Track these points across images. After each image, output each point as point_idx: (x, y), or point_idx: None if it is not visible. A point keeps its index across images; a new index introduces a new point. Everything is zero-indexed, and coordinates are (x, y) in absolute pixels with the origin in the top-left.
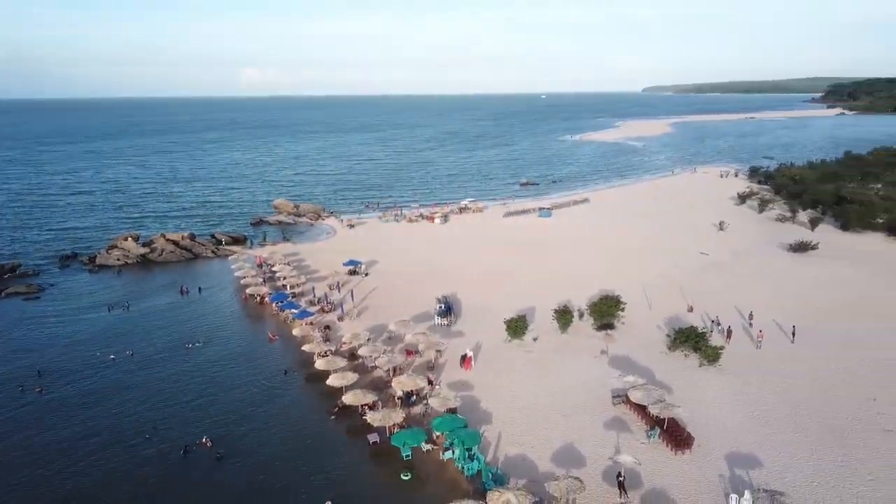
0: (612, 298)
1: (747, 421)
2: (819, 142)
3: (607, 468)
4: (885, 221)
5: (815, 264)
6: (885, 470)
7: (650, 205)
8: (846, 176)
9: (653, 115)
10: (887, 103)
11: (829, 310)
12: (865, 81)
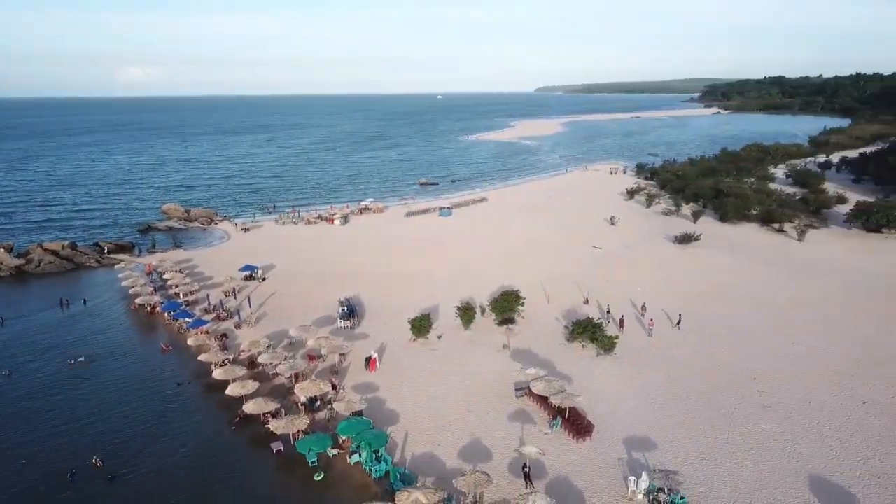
0: (512, 294)
1: (642, 406)
2: (698, 139)
3: (513, 460)
4: (759, 213)
5: (697, 254)
6: (765, 444)
7: (546, 202)
8: (723, 171)
9: (545, 115)
10: (756, 102)
11: (712, 296)
12: (737, 82)
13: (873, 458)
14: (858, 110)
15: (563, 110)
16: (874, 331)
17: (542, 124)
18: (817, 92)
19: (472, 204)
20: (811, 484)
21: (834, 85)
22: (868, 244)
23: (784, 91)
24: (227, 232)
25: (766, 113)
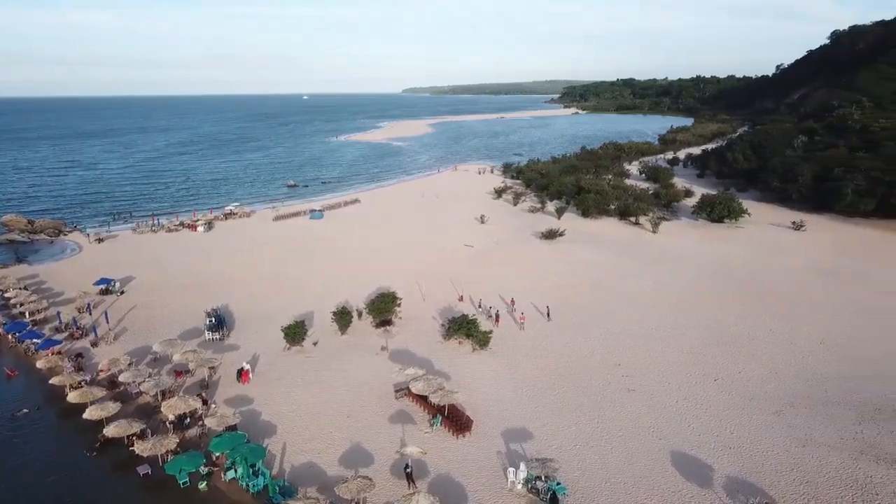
0: (388, 295)
1: (517, 397)
2: (559, 139)
3: (395, 462)
4: (616, 207)
5: (563, 249)
6: (631, 425)
7: (418, 202)
8: (583, 168)
9: (414, 116)
10: (611, 103)
11: (578, 288)
12: (593, 84)
13: (725, 430)
14: (700, 110)
15: (431, 111)
16: (721, 313)
17: (410, 125)
18: (664, 93)
19: (344, 205)
20: (673, 459)
21: (678, 87)
22: (713, 234)
23: (635, 92)
24: (78, 244)
25: (619, 113)
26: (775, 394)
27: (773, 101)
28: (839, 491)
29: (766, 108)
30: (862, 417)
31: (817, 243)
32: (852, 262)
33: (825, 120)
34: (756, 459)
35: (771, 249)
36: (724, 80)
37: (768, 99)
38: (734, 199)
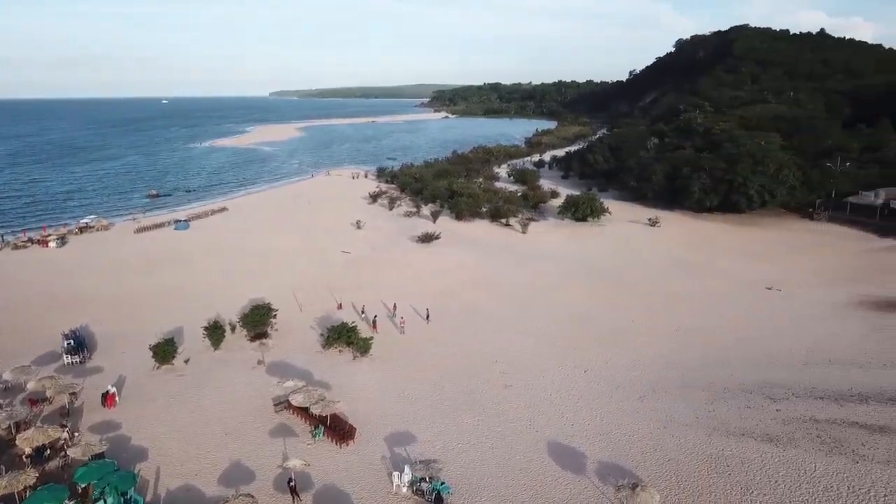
0: (262, 307)
1: (399, 402)
2: (431, 143)
3: (278, 477)
4: (488, 210)
5: (439, 252)
6: (510, 420)
7: (290, 209)
8: (455, 172)
9: (282, 120)
10: (479, 107)
11: (455, 289)
12: (461, 88)
13: (595, 418)
14: (562, 113)
15: (300, 115)
16: (589, 307)
17: (279, 129)
18: (529, 97)
19: (211, 214)
20: (549, 450)
21: (542, 91)
22: (578, 232)
23: (502, 96)
24: None
25: (487, 117)
26: (639, 381)
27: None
28: (696, 465)
29: (622, 111)
30: (713, 397)
31: (671, 238)
32: (701, 255)
33: (673, 123)
34: (624, 443)
35: (630, 245)
36: (583, 84)
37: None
38: (596, 198)
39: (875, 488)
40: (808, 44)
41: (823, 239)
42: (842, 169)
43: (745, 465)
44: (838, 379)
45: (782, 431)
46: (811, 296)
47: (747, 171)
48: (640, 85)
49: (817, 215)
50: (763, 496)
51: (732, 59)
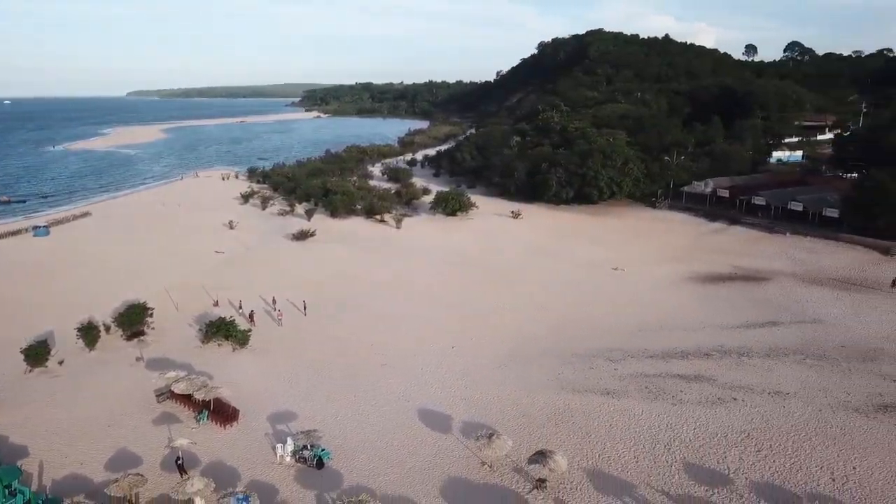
0: (138, 306)
1: (280, 385)
2: (304, 143)
3: (165, 457)
4: (363, 207)
5: (316, 248)
6: (384, 394)
7: (159, 211)
8: (329, 171)
9: (143, 121)
10: (352, 107)
11: (332, 282)
12: (333, 87)
13: (460, 387)
14: (434, 113)
15: (163, 116)
16: (456, 291)
17: (140, 131)
18: (401, 97)
19: (73, 219)
20: (420, 416)
21: (414, 91)
22: (448, 226)
23: (374, 96)
24: None
25: (360, 116)
26: (500, 353)
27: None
28: (546, 417)
29: (490, 111)
30: (563, 363)
31: (531, 228)
32: (558, 242)
33: (533, 122)
34: (485, 405)
35: (496, 236)
36: (454, 84)
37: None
38: (463, 194)
39: (687, 424)
40: (655, 48)
41: (663, 225)
42: (678, 162)
43: (587, 415)
44: (666, 340)
45: (618, 386)
46: (650, 274)
47: (597, 165)
48: (507, 85)
49: (658, 204)
50: (600, 437)
51: (589, 61)
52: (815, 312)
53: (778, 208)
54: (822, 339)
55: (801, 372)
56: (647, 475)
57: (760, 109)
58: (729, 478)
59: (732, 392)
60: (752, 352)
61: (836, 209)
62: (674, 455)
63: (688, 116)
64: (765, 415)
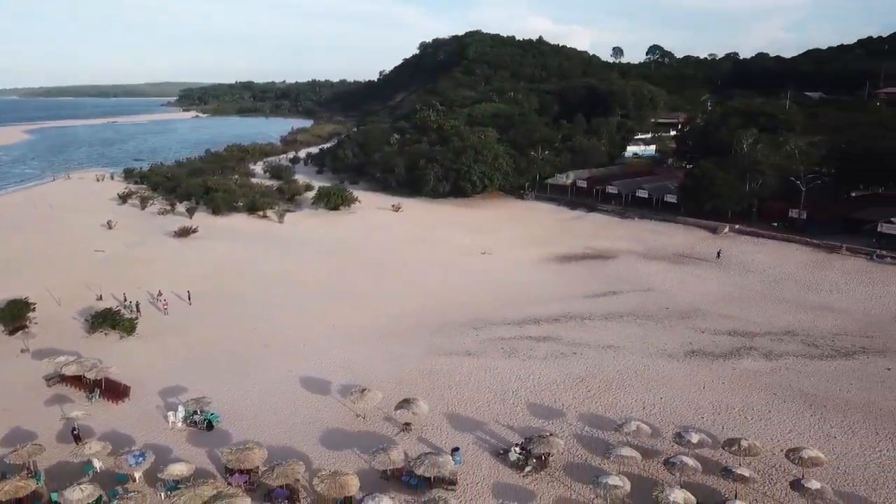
0: (19, 301)
1: (169, 365)
2: (182, 143)
3: (60, 431)
4: (245, 204)
5: (199, 244)
6: (266, 368)
7: (31, 214)
8: (209, 170)
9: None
10: (232, 106)
11: (216, 275)
12: (212, 87)
13: (340, 358)
14: (318, 112)
15: (24, 116)
16: (337, 278)
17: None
18: (283, 96)
19: None
20: (301, 382)
21: (296, 90)
22: (331, 220)
23: (255, 95)
24: None
25: (241, 116)
26: (378, 328)
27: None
28: (416, 376)
29: (374, 110)
30: (433, 333)
31: (411, 220)
32: (435, 232)
33: (412, 120)
34: (361, 371)
35: (377, 228)
36: (337, 83)
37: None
38: (345, 189)
39: (533, 375)
40: (530, 49)
41: (529, 214)
42: (543, 157)
43: (450, 371)
44: (523, 311)
45: (478, 348)
46: (515, 256)
47: (470, 160)
48: (391, 84)
49: (526, 195)
50: (459, 388)
51: (468, 61)
52: (649, 282)
53: (628, 196)
54: (652, 303)
55: (631, 329)
56: (496, 414)
57: (620, 108)
58: (563, 412)
59: (573, 348)
60: (594, 316)
61: (675, 195)
62: (520, 398)
63: (557, 114)
64: (597, 363)
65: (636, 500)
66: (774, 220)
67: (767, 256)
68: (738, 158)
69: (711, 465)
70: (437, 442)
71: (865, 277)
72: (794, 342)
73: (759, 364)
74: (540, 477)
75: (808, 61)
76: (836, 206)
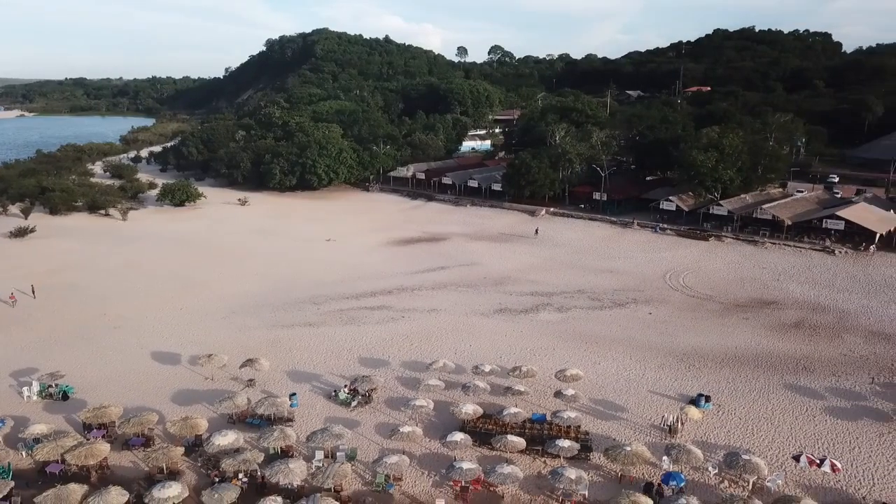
0: None
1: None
2: (8, 144)
3: None
4: (85, 202)
5: (39, 244)
6: (119, 348)
7: None
8: (43, 171)
9: None
10: (63, 104)
11: (59, 270)
12: (37, 83)
13: (190, 334)
14: (160, 110)
15: None
16: (185, 268)
17: None
18: (121, 94)
19: None
20: (153, 356)
21: (135, 87)
22: (178, 215)
23: (89, 93)
24: None
25: (75, 115)
26: (225, 308)
27: (226, 102)
28: (259, 345)
29: (220, 107)
30: (276, 309)
31: (258, 213)
32: (281, 224)
33: (256, 117)
34: (209, 343)
35: (224, 221)
36: (180, 80)
37: (222, 99)
38: (190, 185)
39: (366, 336)
40: (377, 48)
41: (374, 204)
42: (385, 151)
43: (292, 339)
44: (362, 287)
45: (319, 319)
46: (358, 242)
47: (315, 155)
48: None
49: (371, 187)
50: (300, 351)
51: (316, 59)
52: (474, 259)
53: (461, 186)
54: (474, 274)
55: (454, 296)
56: (330, 368)
57: (460, 105)
58: (388, 361)
59: (403, 313)
60: (423, 287)
61: (500, 183)
62: (352, 354)
63: (401, 111)
64: (421, 323)
65: (438, 416)
66: (582, 202)
67: (575, 233)
68: (551, 149)
69: (498, 387)
70: (278, 392)
71: (647, 246)
72: (582, 298)
73: (552, 316)
74: (365, 410)
75: (629, 63)
76: (632, 188)
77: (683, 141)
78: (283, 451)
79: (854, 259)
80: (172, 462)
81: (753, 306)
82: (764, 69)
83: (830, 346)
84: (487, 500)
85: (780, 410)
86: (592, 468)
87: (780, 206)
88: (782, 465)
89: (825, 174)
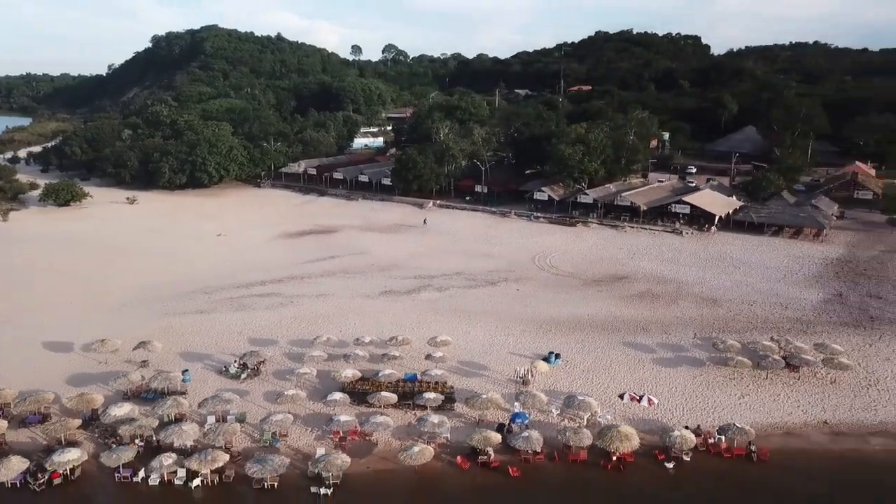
0: None
1: None
2: None
3: None
4: None
5: None
6: (10, 342)
7: None
8: None
9: None
10: None
11: None
12: None
13: (79, 325)
14: (37, 109)
15: None
16: (76, 268)
17: None
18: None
19: None
20: (44, 345)
21: (7, 84)
22: (63, 216)
23: None
24: None
25: None
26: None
27: (110, 100)
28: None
29: (104, 106)
30: (166, 301)
31: (147, 212)
32: (169, 221)
33: (143, 116)
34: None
35: (112, 220)
36: (58, 77)
37: (106, 98)
38: (74, 185)
39: (256, 320)
40: (269, 46)
41: (266, 200)
42: (276, 148)
43: (183, 325)
44: (252, 277)
45: (209, 307)
46: (249, 236)
47: (204, 153)
48: (123, 79)
49: (262, 183)
50: (192, 336)
51: (206, 57)
52: (362, 248)
53: (353, 181)
54: (363, 262)
55: (341, 281)
56: (221, 348)
57: (352, 103)
58: (276, 341)
59: (291, 299)
60: (313, 275)
61: (389, 178)
62: (242, 336)
63: (293, 109)
64: (309, 307)
65: (321, 382)
66: (466, 194)
67: (458, 223)
68: (436, 146)
69: (377, 355)
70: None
71: (522, 232)
72: (459, 279)
73: (432, 295)
74: (254, 381)
75: (518, 62)
76: (511, 181)
77: (555, 136)
78: (177, 418)
79: (698, 238)
80: (70, 433)
81: (608, 281)
82: (639, 70)
83: (667, 310)
84: (363, 447)
85: (617, 363)
86: (455, 416)
87: (638, 193)
88: (613, 403)
89: (685, 165)
